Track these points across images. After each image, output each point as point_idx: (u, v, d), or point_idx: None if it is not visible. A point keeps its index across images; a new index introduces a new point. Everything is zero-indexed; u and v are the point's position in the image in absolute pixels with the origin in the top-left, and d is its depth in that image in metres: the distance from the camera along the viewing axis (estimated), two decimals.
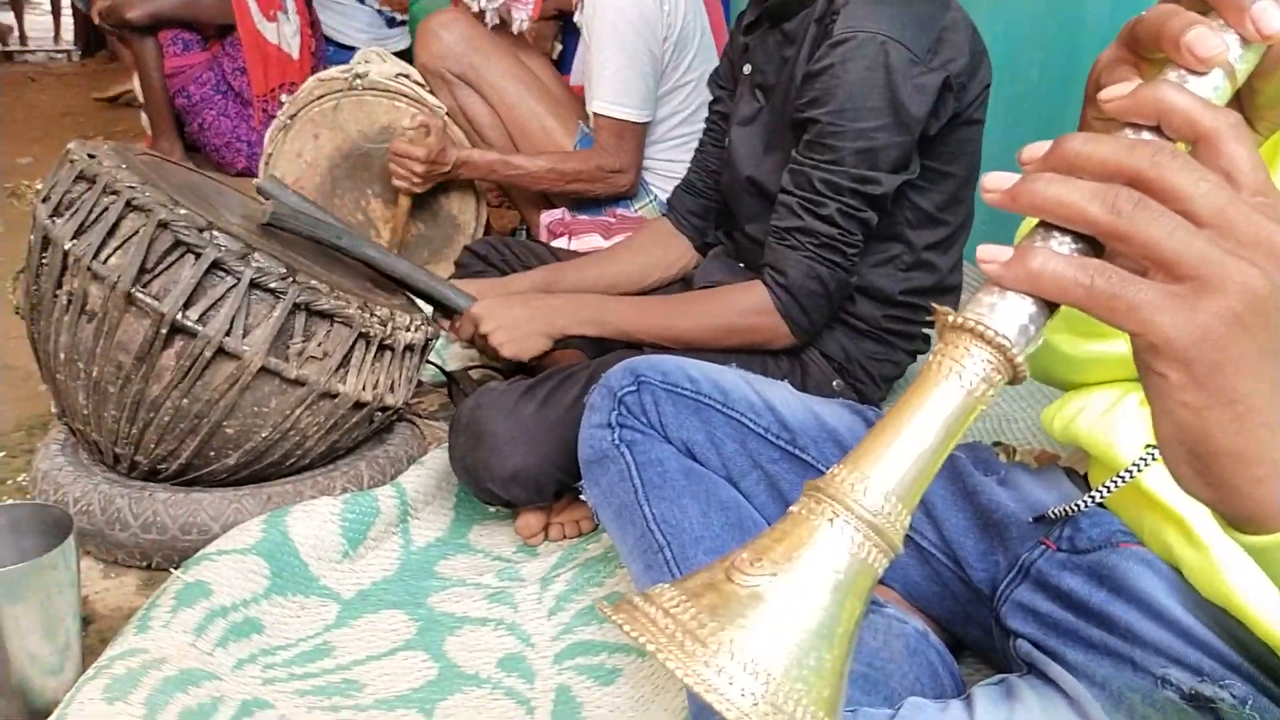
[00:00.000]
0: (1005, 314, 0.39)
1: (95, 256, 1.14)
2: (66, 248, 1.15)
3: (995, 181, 0.40)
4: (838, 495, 0.39)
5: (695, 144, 1.65)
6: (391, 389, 1.30)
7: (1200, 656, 0.68)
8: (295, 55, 3.04)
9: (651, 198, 2.03)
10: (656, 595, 0.39)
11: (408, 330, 1.29)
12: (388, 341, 1.25)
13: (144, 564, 1.22)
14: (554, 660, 1.09)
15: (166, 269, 1.14)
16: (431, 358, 1.62)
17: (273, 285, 1.15)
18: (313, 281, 1.18)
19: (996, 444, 1.04)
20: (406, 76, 2.02)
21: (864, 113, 1.20)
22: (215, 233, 1.14)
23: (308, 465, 1.29)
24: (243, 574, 1.12)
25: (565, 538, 1.30)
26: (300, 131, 1.97)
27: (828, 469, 1.02)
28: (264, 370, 1.16)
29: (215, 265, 1.13)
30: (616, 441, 1.02)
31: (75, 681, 0.94)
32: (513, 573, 1.24)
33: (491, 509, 1.35)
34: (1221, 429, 0.38)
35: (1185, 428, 0.38)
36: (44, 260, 1.18)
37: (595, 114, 1.92)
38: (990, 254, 0.39)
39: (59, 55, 5.98)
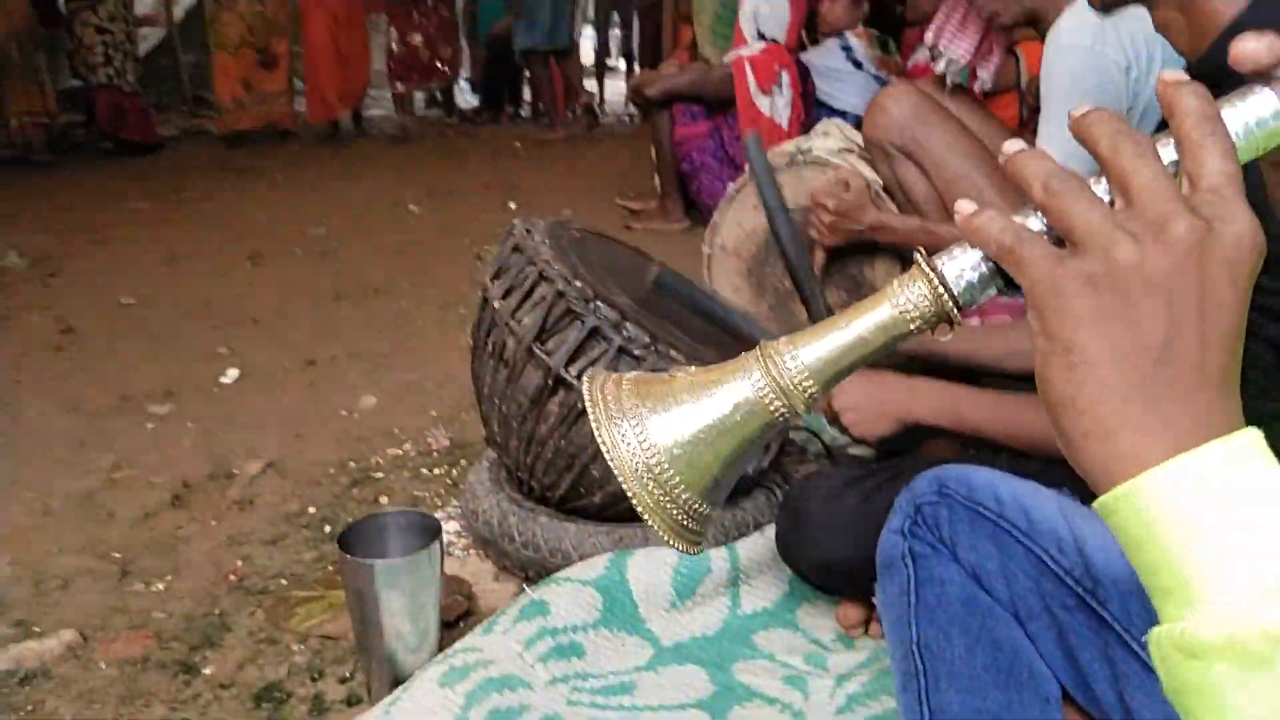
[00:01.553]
0: (955, 263, 0.45)
1: (513, 315, 1.38)
2: (496, 306, 1.41)
3: (1012, 145, 0.44)
4: (768, 354, 0.47)
5: None
6: None
7: None
8: (785, 125, 3.26)
9: None
10: (621, 375, 0.51)
11: None
12: None
13: (522, 574, 1.44)
14: None
15: (560, 330, 1.34)
16: (820, 430, 1.67)
17: (636, 352, 1.30)
18: (671, 351, 1.31)
19: None
20: (851, 150, 2.09)
21: None
22: (599, 303, 1.32)
23: None
24: (580, 603, 1.28)
25: (884, 636, 1.27)
26: (743, 202, 2.13)
27: (1124, 631, 0.90)
28: None
29: (595, 331, 1.31)
30: (905, 552, 0.99)
31: (427, 660, 1.16)
32: (820, 660, 1.24)
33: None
34: (1058, 374, 0.41)
35: (1038, 371, 0.42)
36: (483, 313, 1.47)
37: None
38: (963, 206, 0.44)
39: (627, 118, 7.05)
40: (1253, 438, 0.39)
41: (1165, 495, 0.38)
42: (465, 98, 7.71)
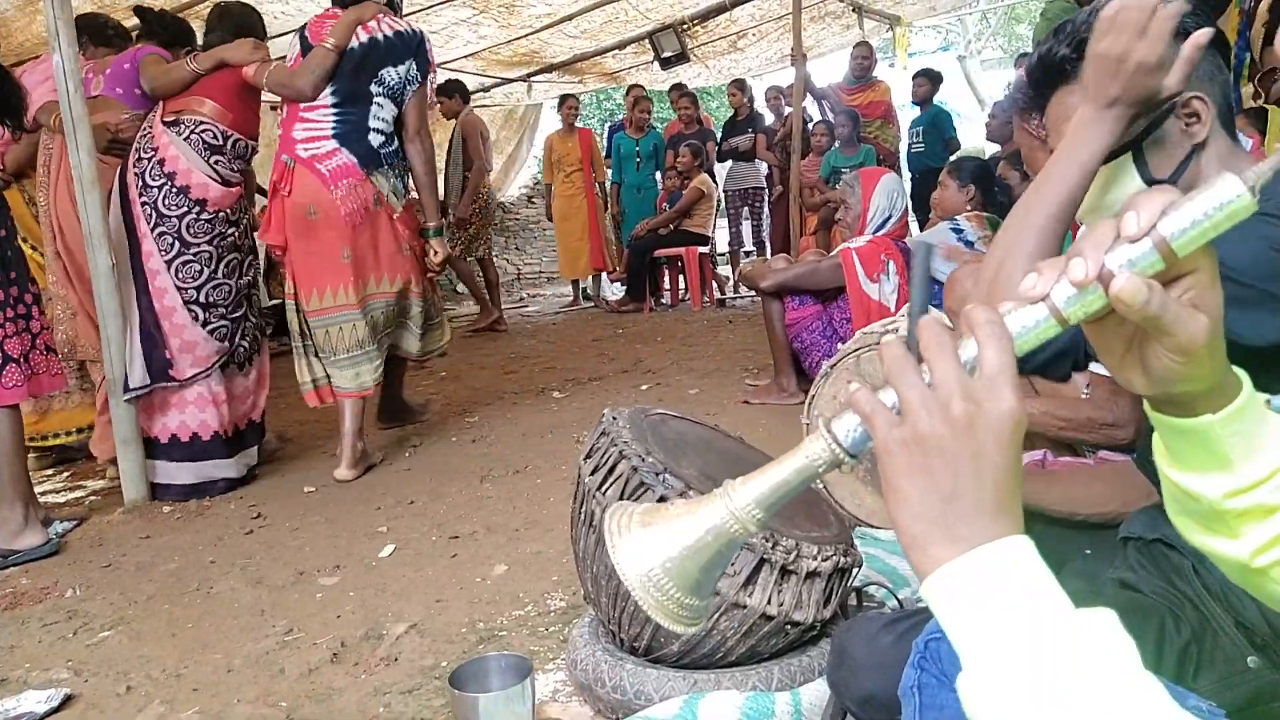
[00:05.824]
0: (842, 423, 0.61)
1: (599, 488, 1.64)
2: (586, 481, 1.67)
3: (888, 337, 0.61)
4: (726, 492, 0.64)
5: None
6: (798, 606, 1.55)
7: None
8: (892, 309, 3.49)
9: None
10: (632, 508, 0.67)
11: (813, 559, 1.54)
12: (790, 566, 1.52)
13: (614, 716, 1.63)
14: None
15: (636, 500, 1.59)
16: (898, 588, 1.81)
17: None
18: None
19: None
20: None
21: None
22: (667, 475, 1.57)
23: (735, 661, 1.60)
24: None
25: None
26: (836, 379, 2.35)
27: None
28: None
29: (663, 499, 1.55)
30: (914, 683, 1.14)
31: None
32: None
33: None
34: (890, 505, 0.58)
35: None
36: (578, 488, 1.73)
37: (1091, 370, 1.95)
38: (855, 384, 0.62)
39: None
40: (1015, 542, 0.56)
41: (946, 585, 0.56)
42: (612, 291, 8.32)
